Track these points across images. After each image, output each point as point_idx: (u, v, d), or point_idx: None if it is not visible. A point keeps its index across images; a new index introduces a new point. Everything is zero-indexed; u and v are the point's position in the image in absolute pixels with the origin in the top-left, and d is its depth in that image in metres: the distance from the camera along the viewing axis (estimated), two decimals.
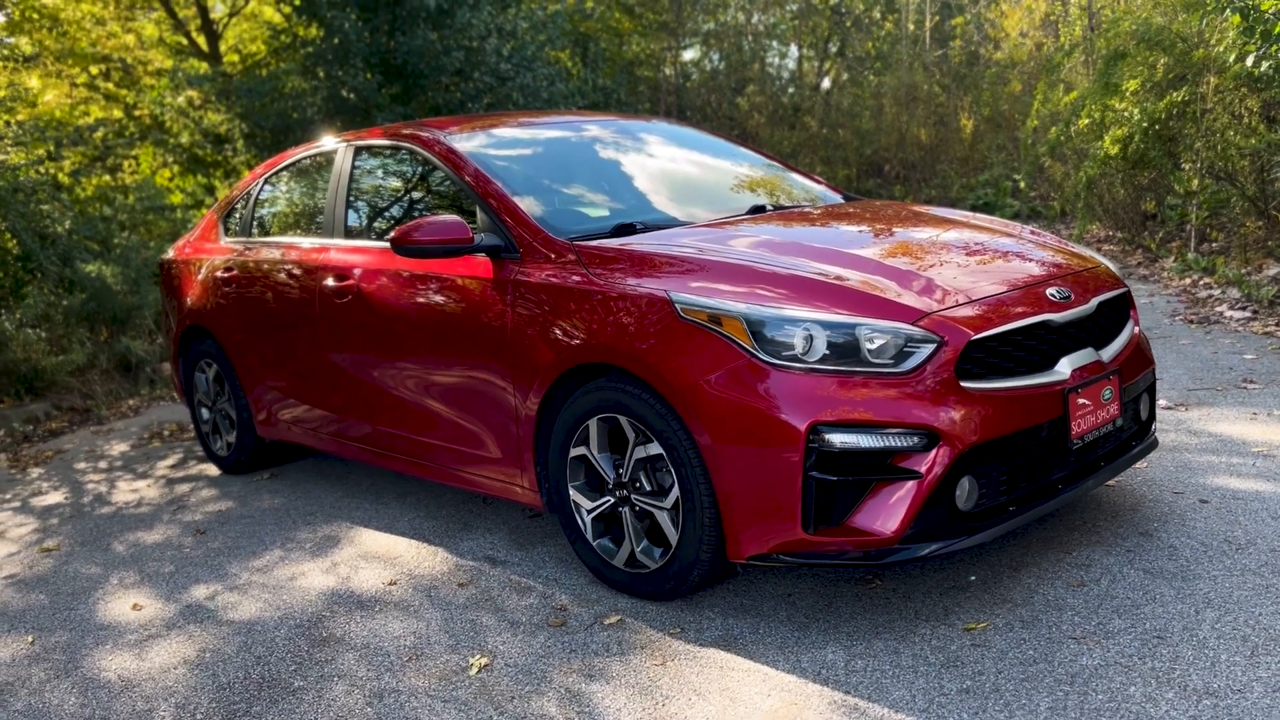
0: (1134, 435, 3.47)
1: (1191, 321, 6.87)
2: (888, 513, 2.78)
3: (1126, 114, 9.73)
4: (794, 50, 21.88)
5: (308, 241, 4.56)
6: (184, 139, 11.32)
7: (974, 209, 16.20)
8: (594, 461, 3.26)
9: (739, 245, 3.32)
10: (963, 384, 2.83)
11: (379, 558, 3.83)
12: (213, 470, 5.40)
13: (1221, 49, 7.62)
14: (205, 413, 5.34)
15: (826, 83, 21.16)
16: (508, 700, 2.69)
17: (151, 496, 5.08)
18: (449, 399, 3.76)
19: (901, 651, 2.76)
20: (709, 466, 2.91)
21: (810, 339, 2.82)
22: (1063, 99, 11.00)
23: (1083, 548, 3.32)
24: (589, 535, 3.32)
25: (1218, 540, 3.28)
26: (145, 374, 8.08)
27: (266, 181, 5.10)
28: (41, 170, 9.10)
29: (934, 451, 2.77)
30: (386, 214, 4.37)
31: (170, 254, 5.74)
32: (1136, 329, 3.47)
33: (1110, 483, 3.88)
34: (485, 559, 3.68)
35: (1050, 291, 3.12)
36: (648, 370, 3.02)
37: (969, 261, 3.30)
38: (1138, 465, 4.05)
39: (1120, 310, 3.44)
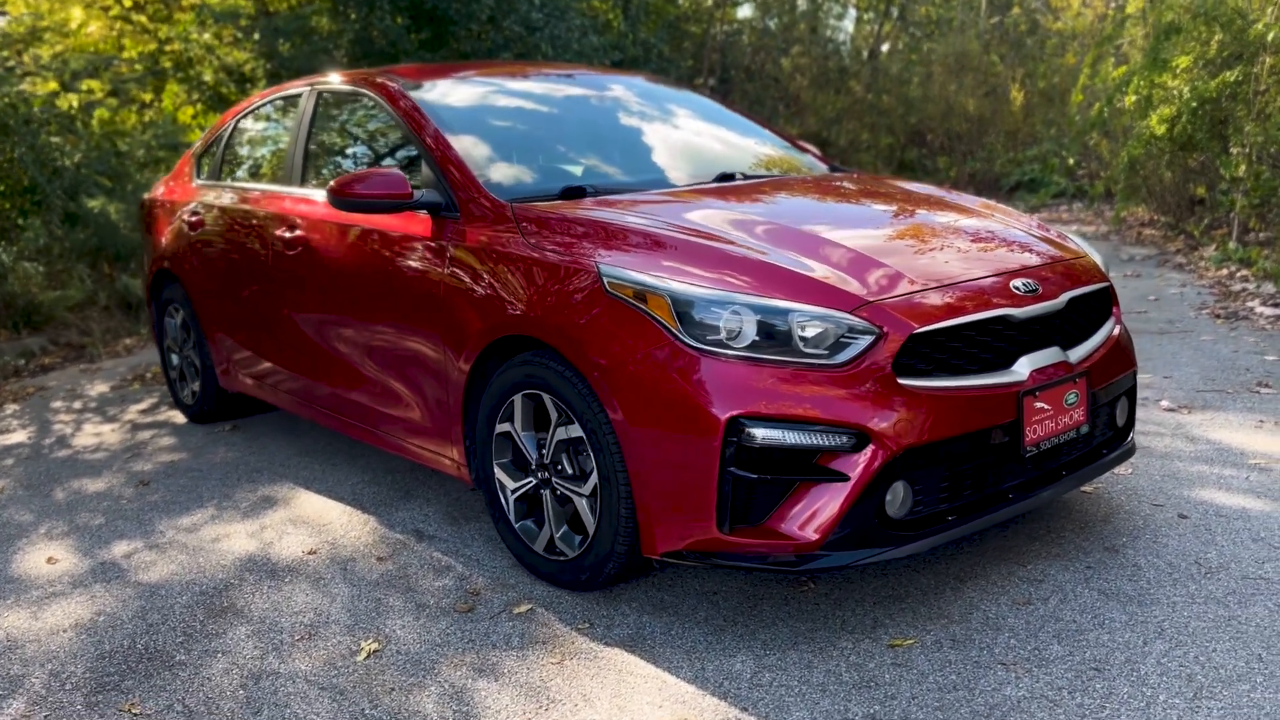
0: (1109, 442, 3.20)
1: (1218, 316, 6.50)
2: (811, 516, 2.56)
3: (1176, 92, 9.24)
4: (851, 13, 21.24)
5: (268, 189, 4.40)
6: (207, 76, 11.21)
7: (1018, 185, 15.68)
8: (518, 440, 3.07)
9: (687, 217, 3.09)
10: (901, 381, 2.59)
11: (309, 523, 3.69)
12: (179, 418, 5.31)
13: (1262, 26, 7.15)
14: (174, 359, 5.24)
15: (885, 48, 20.52)
16: (386, 692, 2.53)
17: (111, 442, 4.99)
18: (386, 362, 3.58)
19: (815, 666, 2.56)
20: (625, 454, 2.71)
21: (739, 324, 2.60)
22: (1112, 73, 10.48)
23: (1039, 560, 3.08)
24: (511, 516, 3.14)
25: (1187, 562, 3.02)
26: (145, 314, 8.03)
27: (238, 123, 4.93)
28: (56, 102, 9.03)
29: (864, 453, 2.55)
30: (341, 163, 4.18)
31: (149, 194, 5.62)
32: (1118, 328, 3.19)
33: (1087, 489, 3.62)
34: (413, 532, 3.52)
35: (1016, 284, 2.85)
36: (570, 346, 2.81)
37: (932, 245, 3.04)
38: (1120, 471, 3.79)
39: (1100, 307, 3.16)
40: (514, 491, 3.12)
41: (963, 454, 2.70)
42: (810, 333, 2.59)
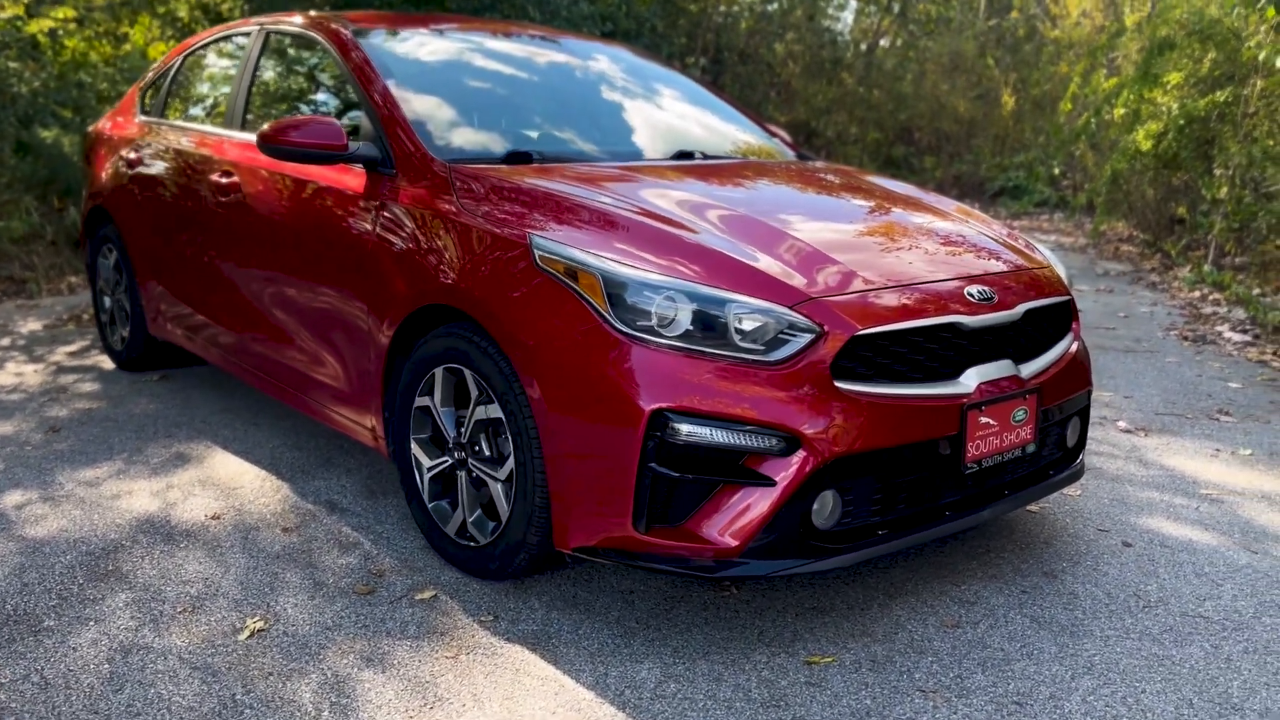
0: (1057, 462, 3.07)
1: (1186, 338, 6.40)
2: (732, 521, 2.40)
3: (1164, 108, 9.13)
4: (853, 4, 20.99)
5: (206, 130, 4.18)
6: (181, 11, 10.86)
7: (1002, 191, 15.58)
8: (436, 416, 2.90)
9: (633, 193, 2.91)
10: (839, 385, 2.43)
11: (219, 485, 3.50)
12: (108, 364, 5.09)
13: (1255, 45, 7.03)
14: (106, 301, 5.01)
15: (884, 43, 20.28)
16: (263, 677, 2.36)
17: (31, 384, 4.77)
18: (312, 322, 3.39)
19: (724, 680, 2.41)
20: (543, 440, 2.55)
21: (673, 311, 2.43)
22: (1103, 84, 10.35)
23: (974, 580, 2.94)
24: (425, 496, 2.97)
25: (1126, 593, 2.90)
26: None
27: (186, 59, 4.69)
28: (25, 27, 8.69)
29: (794, 458, 2.39)
30: (283, 109, 3.96)
31: (94, 125, 5.37)
32: (1075, 345, 3.05)
33: (1032, 508, 3.49)
34: (326, 503, 3.34)
35: (971, 290, 2.70)
36: (493, 321, 2.64)
37: (887, 243, 2.88)
38: (1069, 492, 3.66)
39: (1060, 322, 3.02)
40: (429, 470, 2.94)
41: (899, 466, 2.55)
42: (748, 326, 2.43)
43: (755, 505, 2.39)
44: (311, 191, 3.36)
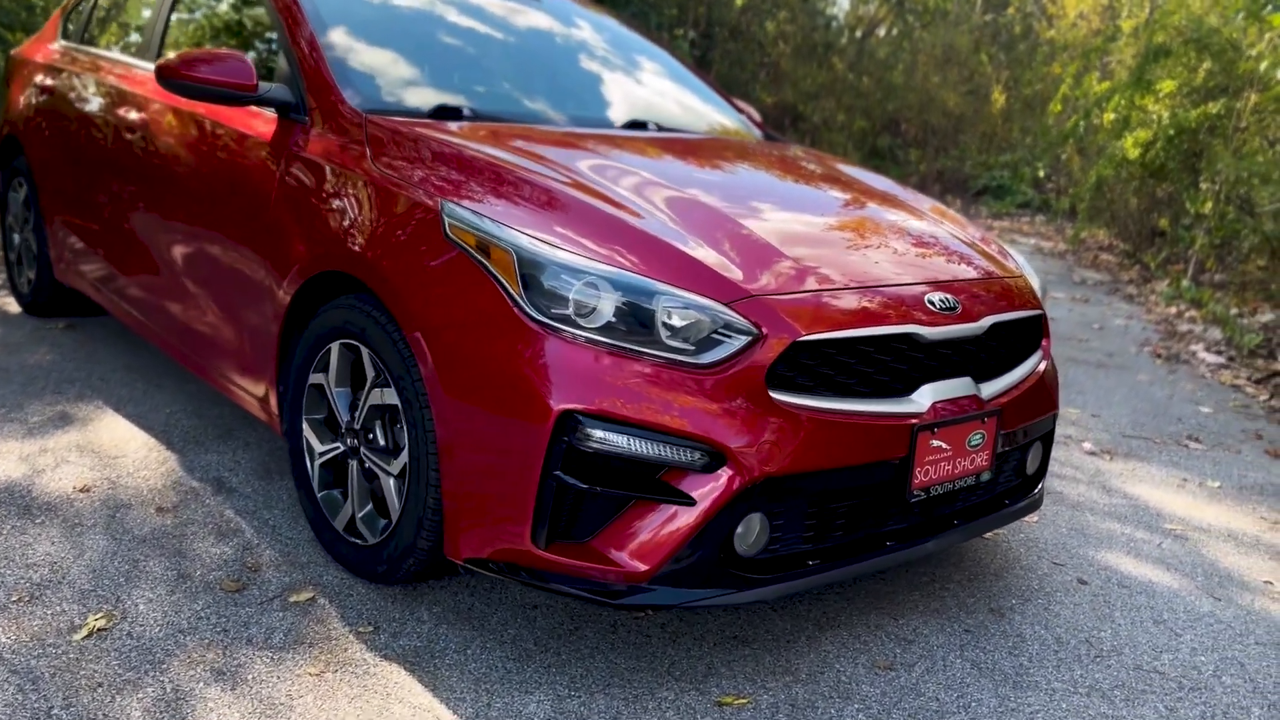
0: (1014, 491, 2.80)
1: (1160, 355, 6.18)
2: (644, 541, 2.12)
3: (1155, 116, 8.90)
4: None
5: (120, 60, 3.81)
6: None
7: (985, 190, 15.35)
8: (330, 396, 2.59)
9: (569, 162, 2.60)
10: (776, 396, 2.14)
11: (99, 453, 3.17)
12: (13, 307, 4.72)
13: (1255, 54, 6.78)
14: (15, 238, 4.64)
15: (881, 31, 19.90)
16: (90, 688, 2.05)
17: None
18: (213, 279, 3.06)
19: (623, 718, 2.13)
20: (439, 434, 2.25)
21: (594, 299, 2.13)
22: (1095, 87, 10.10)
23: (915, 615, 2.68)
24: (315, 483, 2.66)
25: (1078, 639, 2.65)
26: None
27: None
28: None
29: (718, 475, 2.11)
30: (203, 43, 3.61)
31: (17, 49, 4.97)
32: (1044, 364, 2.77)
33: (985, 535, 3.23)
34: (214, 481, 3.03)
35: (933, 298, 2.41)
36: (392, 295, 2.33)
37: (846, 240, 2.59)
38: (1026, 519, 3.40)
39: (1029, 338, 2.74)
40: (320, 455, 2.64)
41: (838, 490, 2.27)
42: (678, 323, 2.13)
43: (671, 526, 2.11)
44: (219, 135, 3.03)
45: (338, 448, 2.59)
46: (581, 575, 2.14)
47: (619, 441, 2.08)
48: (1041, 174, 15.07)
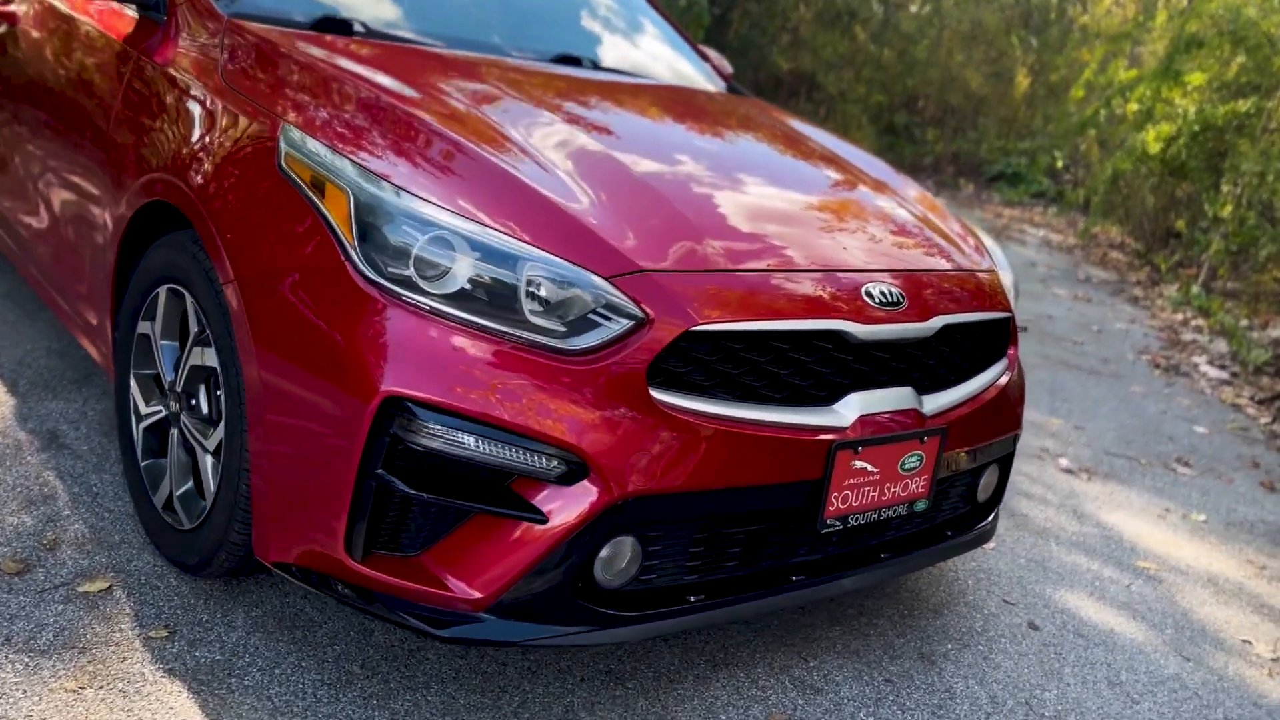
0: (960, 520, 2.40)
1: (1159, 366, 5.75)
2: (483, 563, 1.73)
3: (1181, 110, 8.39)
4: None
5: None
6: None
7: (1000, 176, 14.82)
8: (155, 349, 2.19)
9: (461, 96, 2.18)
10: (659, 396, 1.74)
11: None
12: None
13: None
14: None
15: (913, 8, 19.17)
16: None
17: None
18: (64, 199, 2.65)
19: None
20: (248, 408, 1.85)
21: (446, 259, 1.73)
22: (1121, 75, 9.56)
23: (831, 656, 2.29)
24: (139, 450, 2.27)
25: (1016, 699, 2.26)
26: None
27: None
28: None
29: (578, 488, 1.71)
30: None
31: None
32: (1007, 376, 2.36)
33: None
34: (47, 434, 2.64)
35: (872, 289, 2.00)
36: (210, 236, 1.93)
37: (778, 214, 2.17)
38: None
39: (993, 344, 2.33)
40: (146, 417, 2.24)
41: (732, 514, 1.88)
42: (546, 295, 1.72)
43: (517, 546, 1.72)
44: (81, 35, 2.61)
45: (161, 411, 2.19)
46: (404, 597, 1.75)
47: (457, 439, 1.68)
48: (1060, 164, 14.53)
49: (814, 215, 2.20)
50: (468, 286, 1.72)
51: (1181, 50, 8.30)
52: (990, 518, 2.47)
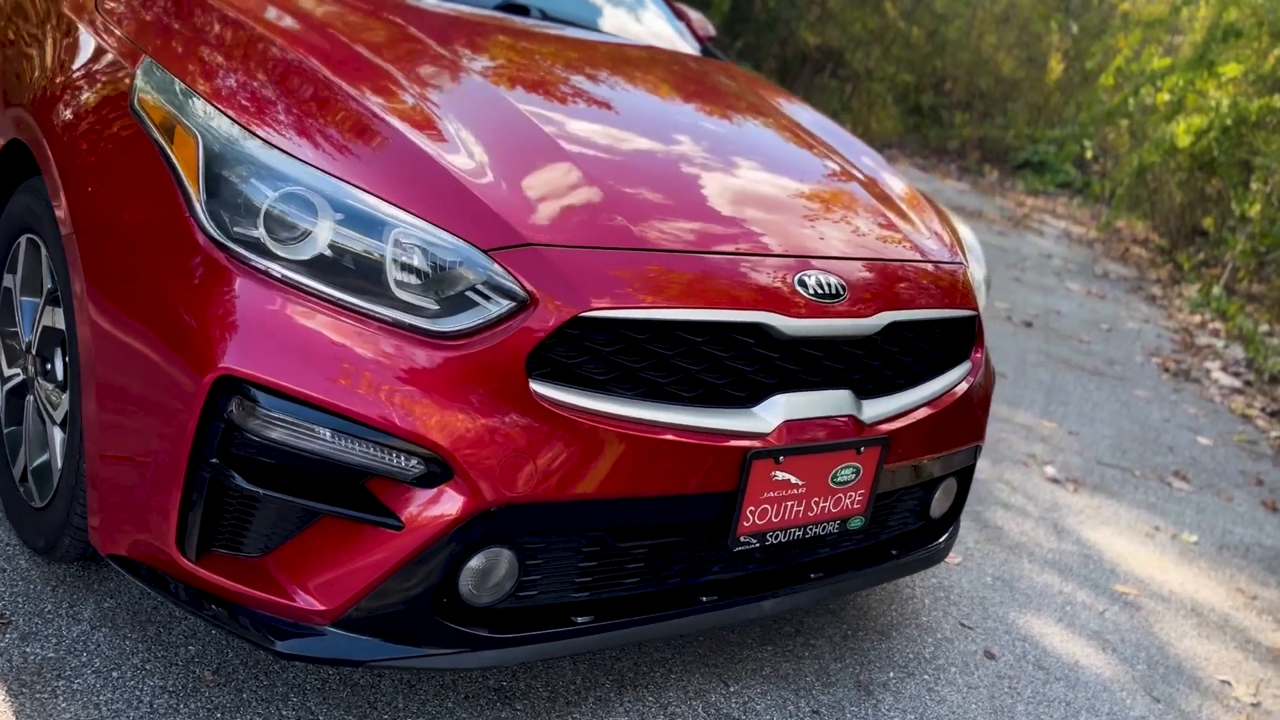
0: (906, 537, 2.17)
1: (1168, 369, 5.47)
2: (329, 570, 1.51)
3: (1214, 102, 8.02)
4: None
5: None
6: None
7: (1026, 164, 14.43)
8: (14, 304, 1.98)
9: (362, 39, 1.94)
10: (540, 390, 1.51)
11: None
12: None
13: None
14: None
15: None
16: None
17: None
18: None
19: None
20: (82, 377, 1.63)
21: (306, 220, 1.50)
22: (1153, 62, 9.17)
23: (756, 681, 2.07)
24: (1, 414, 2.06)
25: None
26: None
27: None
28: None
29: (441, 492, 1.49)
30: None
31: None
32: (967, 383, 2.11)
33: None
34: None
35: (807, 278, 1.76)
36: (54, 181, 1.70)
37: (710, 188, 1.93)
38: (949, 558, 2.77)
39: (955, 344, 2.08)
40: (8, 380, 2.03)
41: (629, 527, 1.65)
42: (417, 268, 1.50)
43: (369, 554, 1.50)
44: None
45: (19, 374, 1.98)
46: (243, 603, 1.54)
47: (303, 430, 1.46)
48: (1089, 154, 14.10)
49: (752, 191, 1.95)
50: (327, 254, 1.49)
51: (1218, 39, 7.91)
52: (944, 536, 2.23)
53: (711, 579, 1.81)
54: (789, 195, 2.01)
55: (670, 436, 1.61)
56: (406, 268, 1.50)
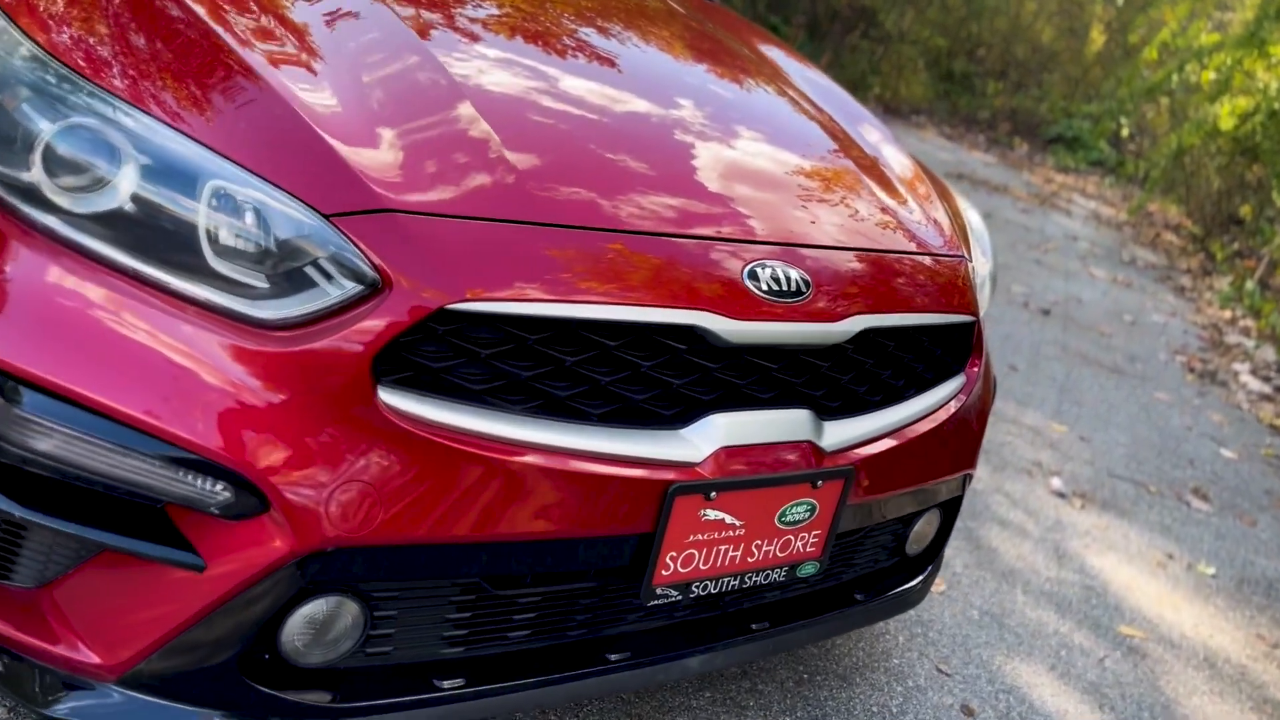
0: (875, 577, 1.83)
1: (1192, 370, 5.08)
2: (114, 616, 1.19)
3: (1261, 85, 7.53)
4: None
5: None
6: None
7: (1058, 139, 13.87)
8: None
9: None
10: (390, 400, 1.16)
11: None
12: None
13: None
14: None
15: None
16: None
17: None
18: None
19: None
20: None
21: (95, 163, 1.15)
22: (1200, 38, 8.64)
23: None
24: None
25: None
26: None
27: None
28: None
29: (254, 527, 1.15)
30: None
31: None
32: (958, 401, 1.75)
33: None
34: None
35: (760, 270, 1.40)
36: None
37: (637, 143, 1.56)
38: (934, 586, 2.43)
39: (948, 354, 1.72)
40: None
41: (514, 575, 1.31)
42: (243, 229, 1.15)
43: (165, 600, 1.18)
44: None
45: None
46: (11, 648, 1.21)
47: (78, 439, 1.12)
48: (1125, 132, 13.54)
49: (705, 159, 1.58)
50: (129, 209, 1.15)
51: (1270, 17, 7.40)
52: (920, 577, 1.89)
53: (627, 630, 1.48)
54: (752, 167, 1.64)
55: (570, 465, 1.26)
56: (228, 232, 1.15)
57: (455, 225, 1.21)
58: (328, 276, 1.16)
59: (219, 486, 1.14)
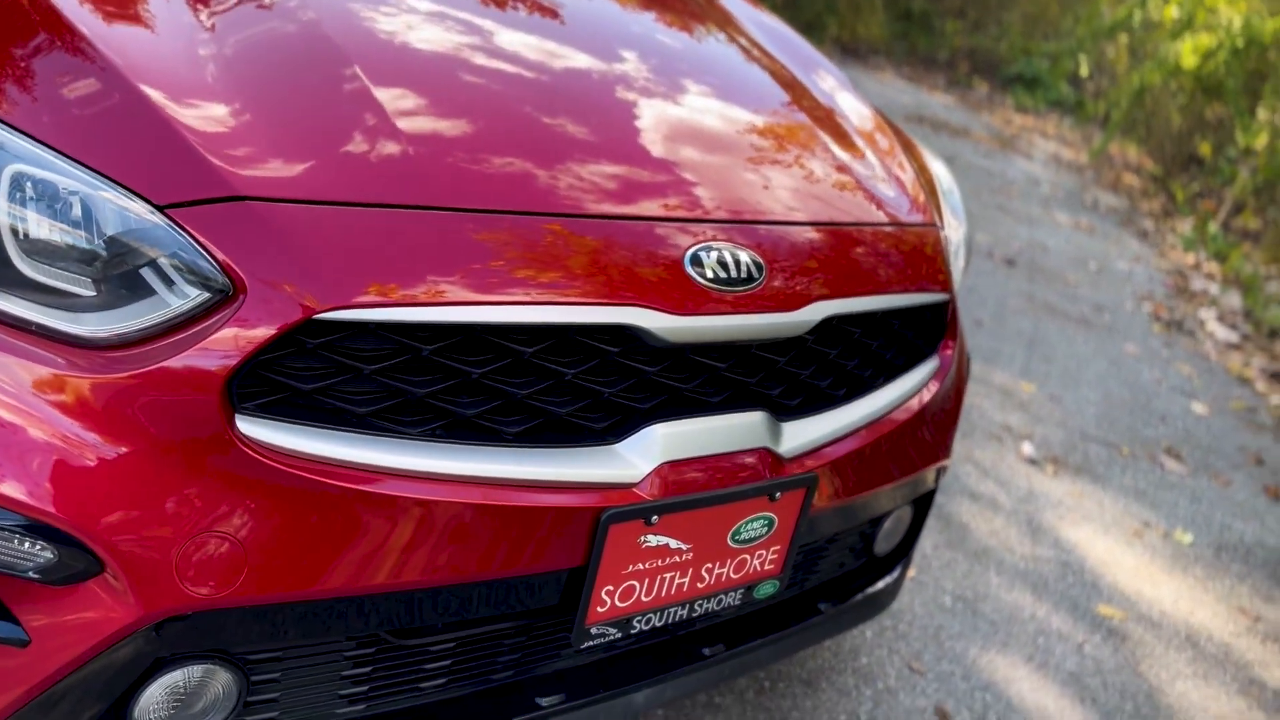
0: (841, 582, 1.65)
1: (1159, 319, 4.96)
2: None
3: (1225, 21, 7.37)
4: None
5: None
6: None
7: (1018, 79, 13.69)
8: None
9: None
10: (250, 432, 0.94)
11: None
12: None
13: None
14: None
15: None
16: None
17: None
18: None
19: None
20: None
21: None
22: None
23: None
24: None
25: None
26: None
27: None
28: None
29: (85, 593, 0.94)
30: None
31: None
32: (935, 385, 1.56)
33: None
34: None
35: (704, 254, 1.19)
36: None
37: (559, 105, 1.34)
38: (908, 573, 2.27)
39: (920, 336, 1.53)
40: None
41: (418, 627, 1.11)
42: (60, 226, 0.92)
43: None
44: None
45: None
46: None
47: None
48: (1084, 71, 13.38)
49: (639, 122, 1.36)
50: None
51: None
52: (891, 576, 1.71)
53: (561, 668, 1.29)
54: (694, 130, 1.42)
55: (481, 496, 1.06)
56: (41, 229, 0.92)
57: (327, 214, 0.99)
58: (167, 282, 0.94)
59: (37, 546, 0.92)
